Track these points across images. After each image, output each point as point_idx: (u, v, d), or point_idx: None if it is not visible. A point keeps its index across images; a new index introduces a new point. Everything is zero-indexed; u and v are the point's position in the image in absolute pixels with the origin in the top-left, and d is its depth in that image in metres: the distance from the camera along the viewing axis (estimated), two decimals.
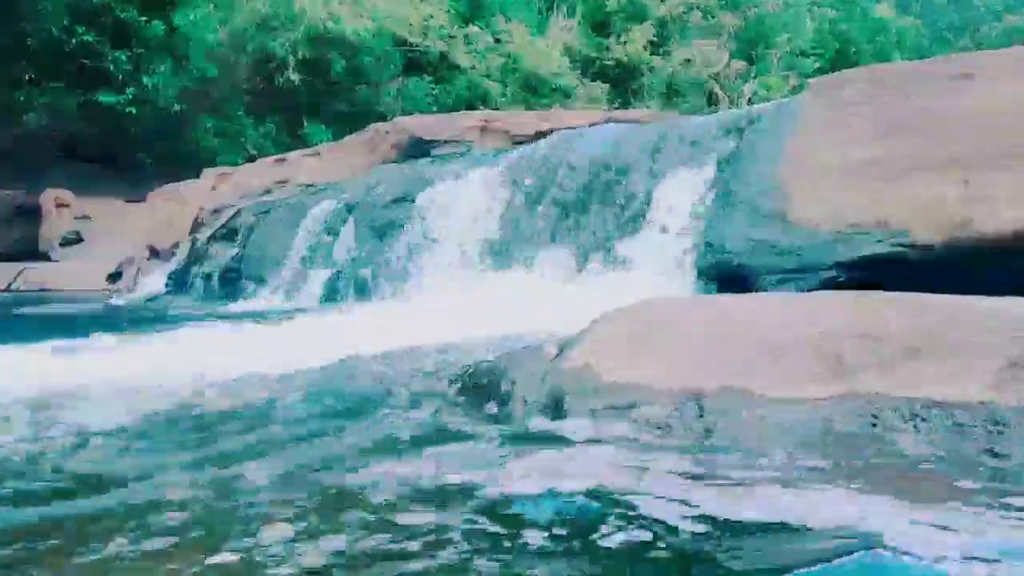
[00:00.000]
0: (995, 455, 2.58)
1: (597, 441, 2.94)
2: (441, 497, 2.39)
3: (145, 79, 14.20)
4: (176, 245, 11.29)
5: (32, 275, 11.28)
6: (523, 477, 2.54)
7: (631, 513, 2.21)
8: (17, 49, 13.90)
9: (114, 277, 11.21)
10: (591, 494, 2.38)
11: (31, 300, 10.00)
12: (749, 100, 22.40)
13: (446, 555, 1.97)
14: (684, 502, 2.29)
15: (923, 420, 2.77)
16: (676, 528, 2.12)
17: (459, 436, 3.10)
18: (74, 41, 13.58)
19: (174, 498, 2.44)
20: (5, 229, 12.32)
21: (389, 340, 5.31)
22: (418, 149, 10.84)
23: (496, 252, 8.24)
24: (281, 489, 2.53)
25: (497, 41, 21.44)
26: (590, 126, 9.76)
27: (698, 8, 24.88)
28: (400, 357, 4.83)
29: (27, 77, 13.89)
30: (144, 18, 14.10)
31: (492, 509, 2.27)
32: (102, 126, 14.57)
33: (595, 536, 2.07)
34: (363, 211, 9.57)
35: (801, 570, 1.85)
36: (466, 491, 2.42)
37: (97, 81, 13.99)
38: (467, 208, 8.74)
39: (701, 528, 2.11)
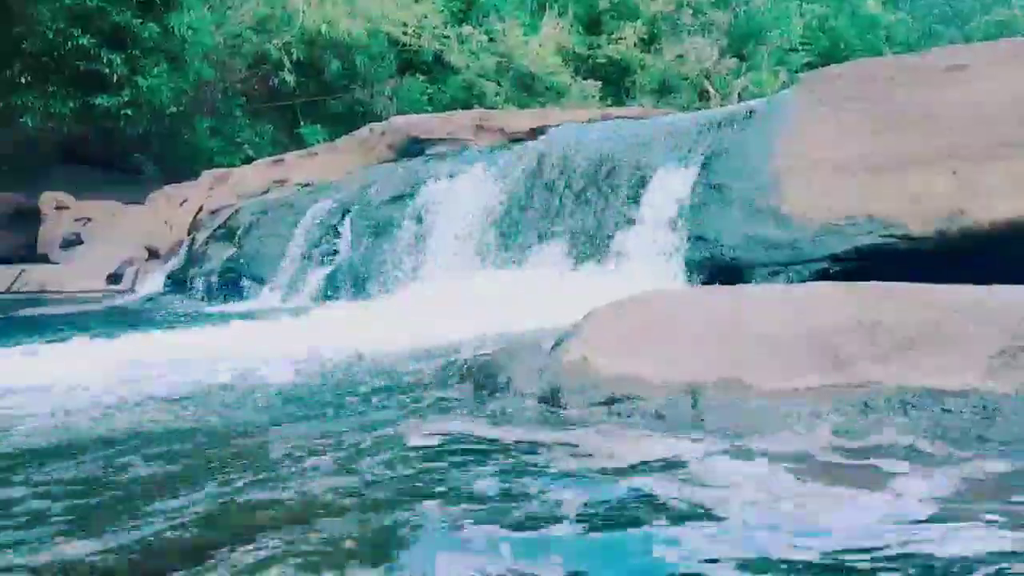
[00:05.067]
0: (984, 440, 2.63)
1: (595, 433, 2.98)
2: (442, 491, 2.42)
3: (141, 81, 14.14)
4: (175, 246, 11.31)
5: (32, 276, 11.27)
6: (523, 471, 2.58)
7: (629, 505, 2.26)
8: (12, 52, 13.87)
9: (113, 278, 11.22)
10: (588, 485, 2.42)
11: (31, 302, 10.02)
12: (740, 96, 22.44)
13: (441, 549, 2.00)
14: (681, 494, 2.34)
15: (914, 408, 2.82)
16: (674, 518, 2.16)
17: (457, 431, 3.12)
18: (69, 44, 13.53)
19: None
20: (4, 231, 12.31)
21: (387, 336, 5.36)
22: (414, 148, 10.88)
23: (492, 249, 8.28)
24: (283, 485, 2.58)
25: (491, 41, 21.44)
26: (584, 123, 9.80)
27: (688, 5, 24.91)
28: (398, 353, 4.87)
29: (22, 80, 13.86)
30: (139, 20, 14.06)
31: (491, 503, 2.30)
32: (99, 129, 14.54)
33: (591, 527, 2.11)
34: (360, 210, 9.61)
35: None
36: (467, 486, 2.45)
37: (93, 84, 13.94)
38: (463, 206, 8.78)
39: (697, 518, 2.15)
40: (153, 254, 11.56)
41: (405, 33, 19.52)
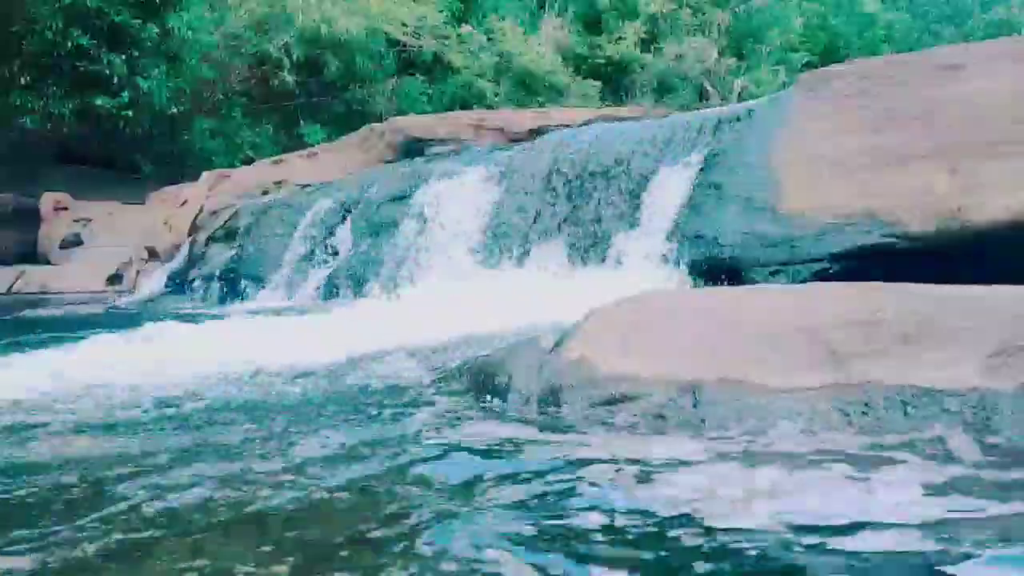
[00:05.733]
0: (983, 440, 2.63)
1: (594, 432, 2.99)
2: (440, 491, 2.42)
3: (140, 82, 14.15)
4: (175, 246, 11.32)
5: (32, 277, 11.30)
6: (521, 471, 2.58)
7: (630, 505, 2.26)
8: (11, 52, 13.88)
9: (114, 279, 11.23)
10: (588, 485, 2.42)
11: (32, 303, 10.03)
12: (740, 95, 22.46)
13: (437, 550, 2.00)
14: (682, 494, 2.34)
15: (914, 407, 2.82)
16: (669, 513, 2.17)
17: (456, 430, 3.12)
18: (69, 44, 13.55)
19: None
20: (3, 232, 12.32)
21: (386, 337, 5.34)
22: (413, 148, 10.90)
23: (492, 249, 8.29)
24: (289, 483, 2.59)
25: (490, 40, 21.44)
26: (584, 123, 9.81)
27: (688, 5, 24.95)
28: (397, 353, 4.85)
29: (22, 80, 13.87)
30: (139, 21, 14.07)
31: (489, 502, 2.30)
32: (98, 129, 14.56)
33: (588, 525, 2.11)
34: (360, 210, 9.62)
35: None
36: (464, 486, 2.45)
37: (92, 84, 13.94)
38: (463, 206, 8.79)
39: (696, 517, 2.15)
40: (153, 255, 11.56)
41: (405, 33, 19.53)
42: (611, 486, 2.39)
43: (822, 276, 5.86)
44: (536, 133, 9.96)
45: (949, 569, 1.80)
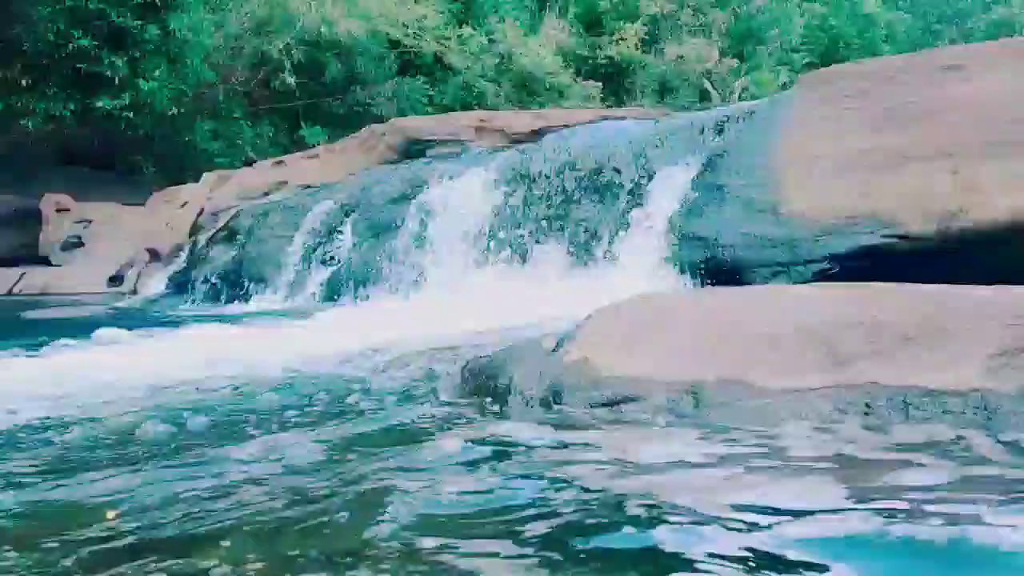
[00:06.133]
0: (984, 441, 2.63)
1: (596, 433, 2.98)
2: (441, 493, 2.41)
3: (142, 83, 14.17)
4: (177, 248, 11.32)
5: (33, 279, 11.31)
6: (523, 473, 2.58)
7: (631, 506, 2.26)
8: (12, 54, 13.89)
9: (115, 280, 11.24)
10: (589, 486, 2.42)
11: (33, 304, 10.02)
12: (740, 96, 22.48)
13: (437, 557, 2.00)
14: (679, 491, 2.34)
15: (915, 408, 2.81)
16: (669, 515, 2.17)
17: (458, 432, 3.11)
18: (70, 46, 13.56)
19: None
20: (4, 233, 12.32)
21: (387, 338, 5.36)
22: (415, 149, 10.89)
23: (492, 250, 8.29)
24: (291, 484, 2.59)
25: (491, 41, 21.45)
26: (585, 124, 9.81)
27: (689, 6, 24.98)
28: (397, 354, 4.86)
29: (22, 82, 13.88)
30: (139, 22, 14.08)
31: (490, 505, 2.30)
32: (99, 131, 14.57)
33: (589, 526, 2.11)
34: (361, 211, 9.62)
35: None
36: (466, 488, 2.44)
37: (93, 86, 13.95)
38: (464, 207, 8.78)
39: (696, 518, 2.16)
40: (154, 256, 11.56)
41: (405, 34, 19.54)
42: (612, 488, 2.39)
43: (823, 277, 5.86)
44: (537, 134, 9.96)
45: (948, 568, 1.80)
